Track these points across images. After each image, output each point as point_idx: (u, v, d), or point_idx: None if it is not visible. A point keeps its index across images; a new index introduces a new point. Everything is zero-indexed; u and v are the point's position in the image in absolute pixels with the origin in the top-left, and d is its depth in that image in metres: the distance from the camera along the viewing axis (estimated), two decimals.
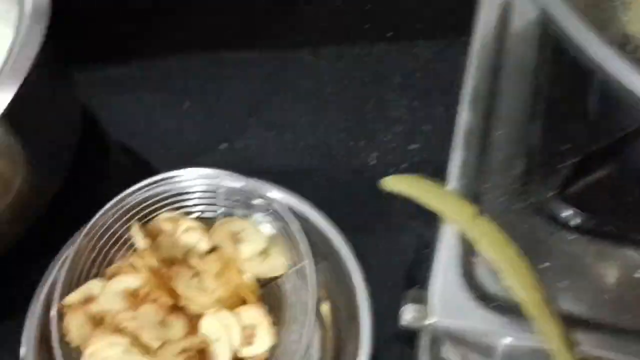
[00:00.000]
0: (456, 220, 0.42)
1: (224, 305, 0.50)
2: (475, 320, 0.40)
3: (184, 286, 0.50)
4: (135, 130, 0.65)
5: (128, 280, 0.50)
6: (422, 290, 0.46)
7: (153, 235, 0.53)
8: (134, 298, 0.50)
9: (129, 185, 0.57)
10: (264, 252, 0.52)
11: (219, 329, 0.48)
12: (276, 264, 0.52)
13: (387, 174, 0.60)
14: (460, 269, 0.42)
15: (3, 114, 0.45)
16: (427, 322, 0.41)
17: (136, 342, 0.48)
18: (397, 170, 0.60)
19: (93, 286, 0.51)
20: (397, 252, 0.57)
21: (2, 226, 0.54)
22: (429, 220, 0.58)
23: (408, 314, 0.43)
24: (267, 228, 0.53)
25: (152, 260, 0.50)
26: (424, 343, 0.44)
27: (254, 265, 0.52)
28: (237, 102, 0.65)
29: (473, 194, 0.44)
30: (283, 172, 0.61)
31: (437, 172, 0.45)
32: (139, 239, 0.52)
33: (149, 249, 0.52)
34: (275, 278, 0.52)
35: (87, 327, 0.49)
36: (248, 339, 0.49)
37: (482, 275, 0.41)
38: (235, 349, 0.49)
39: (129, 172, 0.63)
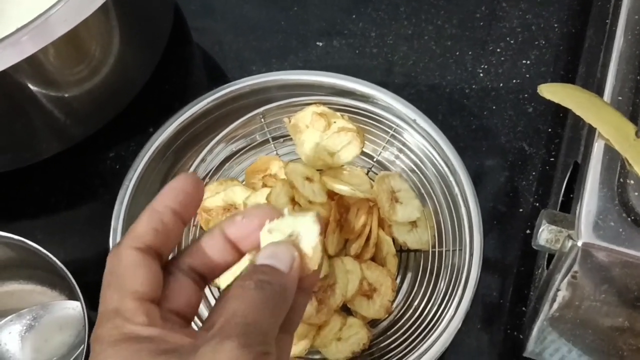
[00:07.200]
0: (612, 138, 0.39)
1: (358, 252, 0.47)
2: (632, 245, 0.37)
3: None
4: (225, 23, 0.61)
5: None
6: (558, 212, 0.43)
7: (298, 130, 0.49)
8: None
9: (218, 80, 0.54)
10: (413, 222, 0.49)
11: (341, 272, 0.46)
12: (422, 239, 0.49)
13: (495, 88, 0.57)
14: (612, 191, 0.39)
15: None
16: (573, 244, 0.38)
17: None
18: (506, 86, 0.57)
19: (236, 193, 0.48)
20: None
21: (93, 105, 0.52)
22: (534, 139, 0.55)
23: (546, 235, 0.41)
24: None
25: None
26: (558, 267, 0.41)
27: (401, 231, 0.49)
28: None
29: (631, 113, 0.40)
30: (385, 78, 0.58)
31: None
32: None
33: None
34: (414, 250, 0.50)
35: None
36: (367, 294, 0.47)
37: (636, 199, 0.38)
38: (347, 298, 0.46)
39: (217, 67, 0.60)
